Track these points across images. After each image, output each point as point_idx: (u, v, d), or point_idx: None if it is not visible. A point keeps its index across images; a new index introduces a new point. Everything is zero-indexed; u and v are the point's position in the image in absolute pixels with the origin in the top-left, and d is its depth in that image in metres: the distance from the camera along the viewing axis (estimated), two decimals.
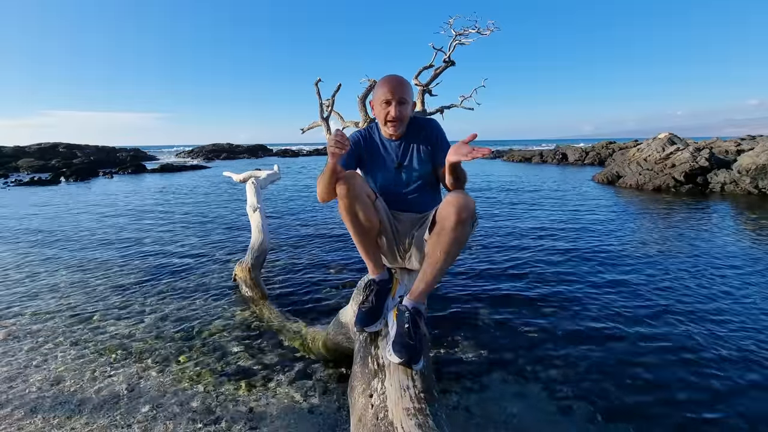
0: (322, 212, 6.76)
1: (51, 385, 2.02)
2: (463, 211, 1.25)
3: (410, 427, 1.02)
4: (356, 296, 1.79)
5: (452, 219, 1.25)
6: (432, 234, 1.35)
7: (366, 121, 6.28)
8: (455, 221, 1.25)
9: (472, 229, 1.35)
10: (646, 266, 3.75)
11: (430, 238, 1.35)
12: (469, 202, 1.27)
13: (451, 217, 1.25)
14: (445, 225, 1.27)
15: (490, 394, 1.94)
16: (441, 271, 1.33)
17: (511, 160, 21.64)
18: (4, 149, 22.42)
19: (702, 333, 2.48)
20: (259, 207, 4.02)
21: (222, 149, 33.22)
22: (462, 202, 1.25)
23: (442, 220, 1.29)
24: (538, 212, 6.64)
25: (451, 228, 1.26)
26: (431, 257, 1.33)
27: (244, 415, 1.80)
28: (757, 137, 12.85)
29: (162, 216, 6.84)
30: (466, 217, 1.26)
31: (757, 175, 8.16)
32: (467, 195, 1.29)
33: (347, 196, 1.39)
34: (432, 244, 1.33)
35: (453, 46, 6.94)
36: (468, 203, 1.26)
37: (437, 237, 1.31)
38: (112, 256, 4.33)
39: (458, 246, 1.31)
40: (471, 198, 1.29)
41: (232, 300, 3.09)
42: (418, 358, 1.24)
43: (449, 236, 1.27)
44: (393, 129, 1.53)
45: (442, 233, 1.29)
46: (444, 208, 1.29)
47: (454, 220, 1.25)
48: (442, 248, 1.29)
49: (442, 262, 1.31)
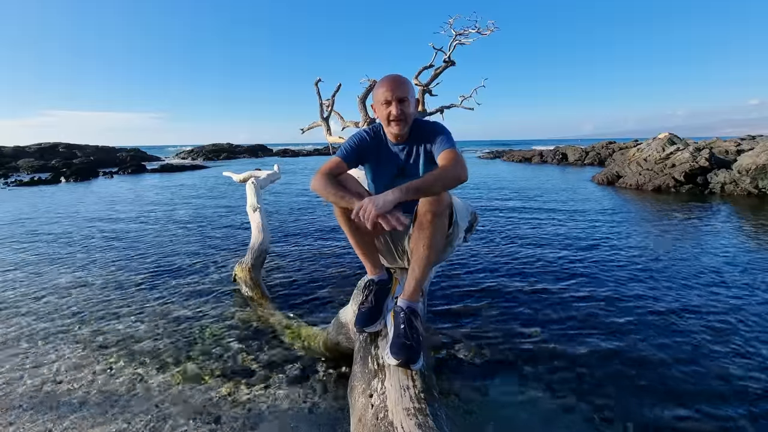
0: (322, 212, 6.77)
1: (51, 385, 2.02)
2: (438, 204, 1.29)
3: (410, 427, 1.02)
4: (356, 296, 1.79)
5: (429, 213, 1.29)
6: (414, 230, 1.37)
7: (366, 121, 6.27)
8: (432, 215, 1.29)
9: (473, 229, 1.35)
10: (647, 266, 3.75)
11: (413, 234, 1.38)
12: (444, 195, 1.31)
13: (427, 212, 1.29)
14: (423, 220, 1.31)
15: (490, 394, 1.95)
16: (428, 265, 1.36)
17: (511, 160, 21.64)
18: (4, 149, 22.43)
19: (702, 333, 2.48)
20: (259, 207, 4.02)
21: (222, 149, 33.23)
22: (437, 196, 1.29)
23: (421, 215, 1.32)
24: (538, 213, 6.64)
25: (429, 222, 1.30)
26: (416, 253, 1.35)
27: (244, 414, 1.80)
28: (757, 137, 12.86)
29: (162, 216, 6.84)
30: (442, 209, 1.30)
31: (757, 175, 8.16)
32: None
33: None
34: (415, 239, 1.35)
35: (453, 45, 6.94)
36: (442, 196, 1.30)
37: (418, 232, 1.33)
38: (113, 256, 4.33)
39: (439, 239, 1.34)
40: (447, 192, 1.33)
41: (232, 300, 3.09)
42: (416, 357, 1.24)
43: (429, 230, 1.31)
44: (397, 128, 1.48)
45: (421, 228, 1.32)
46: (421, 204, 1.32)
47: (431, 214, 1.29)
48: (424, 242, 1.32)
49: (427, 257, 1.33)
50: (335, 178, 1.43)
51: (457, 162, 1.34)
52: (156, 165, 20.45)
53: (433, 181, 1.26)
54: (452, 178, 1.29)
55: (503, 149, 29.13)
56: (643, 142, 11.82)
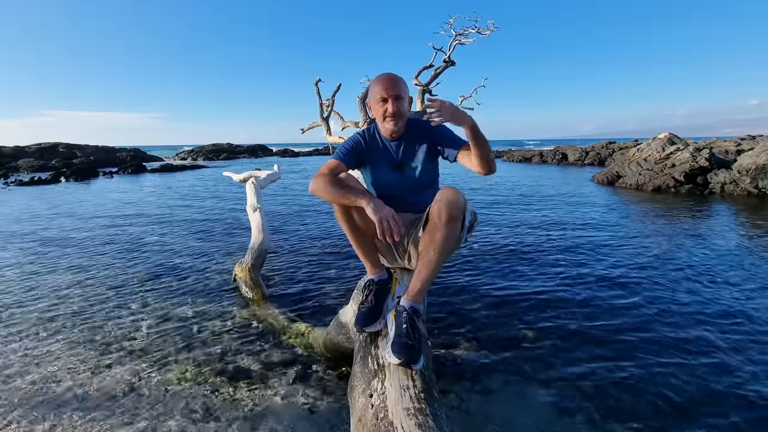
0: (322, 212, 6.76)
1: (51, 385, 2.02)
2: (454, 207, 1.26)
3: (410, 427, 1.02)
4: (356, 296, 1.79)
5: (443, 216, 1.26)
6: (425, 232, 1.35)
7: (366, 121, 6.28)
8: (446, 218, 1.26)
9: (473, 229, 1.35)
10: (647, 267, 3.75)
11: (423, 237, 1.35)
12: (460, 198, 1.28)
13: (442, 215, 1.26)
14: (437, 222, 1.28)
15: (491, 394, 1.95)
16: (435, 269, 1.33)
17: (511, 160, 21.65)
18: (4, 149, 22.42)
19: (701, 333, 2.48)
20: (259, 207, 4.03)
21: (222, 149, 33.22)
22: (452, 199, 1.27)
23: (434, 217, 1.30)
24: (538, 213, 6.64)
25: (443, 225, 1.27)
26: (425, 255, 1.33)
27: (244, 415, 1.80)
28: (757, 137, 12.86)
29: (162, 216, 6.84)
30: (457, 213, 1.27)
31: (757, 175, 8.16)
32: (458, 191, 1.30)
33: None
34: (425, 242, 1.33)
35: (453, 45, 6.94)
36: (458, 199, 1.27)
37: (430, 235, 1.31)
38: (113, 257, 4.33)
39: (451, 243, 1.32)
40: (462, 194, 1.30)
41: (232, 300, 3.09)
42: (417, 358, 1.24)
43: (441, 233, 1.28)
44: (392, 125, 1.50)
45: (434, 231, 1.29)
46: (435, 206, 1.30)
47: (445, 217, 1.26)
48: (435, 246, 1.29)
49: (436, 260, 1.31)
50: (336, 179, 1.43)
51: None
52: (156, 165, 20.45)
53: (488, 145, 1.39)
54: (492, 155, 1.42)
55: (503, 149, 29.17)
56: (643, 142, 11.82)
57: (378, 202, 1.32)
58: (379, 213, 1.27)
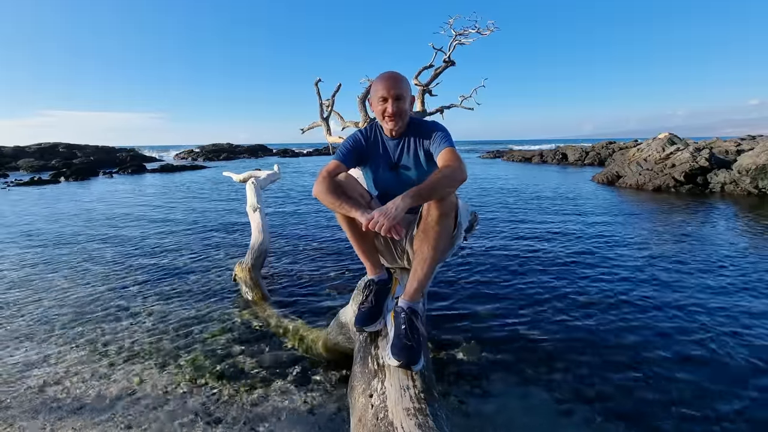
0: (322, 212, 6.76)
1: (51, 386, 2.02)
2: (445, 204, 1.29)
3: (410, 427, 1.02)
4: (356, 296, 1.79)
5: (435, 213, 1.29)
6: (418, 231, 1.36)
7: (366, 121, 6.28)
8: (438, 215, 1.29)
9: (473, 228, 1.35)
10: (647, 267, 3.75)
11: (417, 235, 1.37)
12: (451, 195, 1.31)
13: (433, 212, 1.29)
14: (429, 220, 1.31)
15: (491, 394, 1.94)
16: (431, 267, 1.35)
17: (511, 160, 21.64)
18: (4, 149, 22.41)
19: (702, 333, 2.48)
20: (259, 207, 4.03)
21: (222, 149, 33.20)
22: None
23: (426, 215, 1.32)
24: (539, 213, 6.63)
25: (434, 222, 1.29)
26: (420, 254, 1.34)
27: (244, 415, 1.80)
28: (757, 137, 12.86)
29: (162, 216, 6.84)
30: (448, 210, 1.30)
31: (757, 175, 8.16)
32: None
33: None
34: (419, 240, 1.35)
35: (453, 46, 6.94)
36: (450, 197, 1.30)
37: (423, 233, 1.33)
38: (113, 257, 4.32)
39: (444, 240, 1.34)
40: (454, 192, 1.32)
41: (232, 300, 3.09)
42: (417, 358, 1.24)
43: (434, 231, 1.30)
44: (392, 124, 1.51)
45: (427, 229, 1.32)
46: (427, 204, 1.31)
47: (436, 214, 1.29)
48: (429, 244, 1.32)
49: (431, 257, 1.33)
50: (335, 185, 1.43)
51: (457, 162, 1.34)
52: (156, 165, 20.44)
53: (437, 183, 1.26)
54: (456, 180, 1.30)
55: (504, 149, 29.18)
56: (643, 142, 11.82)
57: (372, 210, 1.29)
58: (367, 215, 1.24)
